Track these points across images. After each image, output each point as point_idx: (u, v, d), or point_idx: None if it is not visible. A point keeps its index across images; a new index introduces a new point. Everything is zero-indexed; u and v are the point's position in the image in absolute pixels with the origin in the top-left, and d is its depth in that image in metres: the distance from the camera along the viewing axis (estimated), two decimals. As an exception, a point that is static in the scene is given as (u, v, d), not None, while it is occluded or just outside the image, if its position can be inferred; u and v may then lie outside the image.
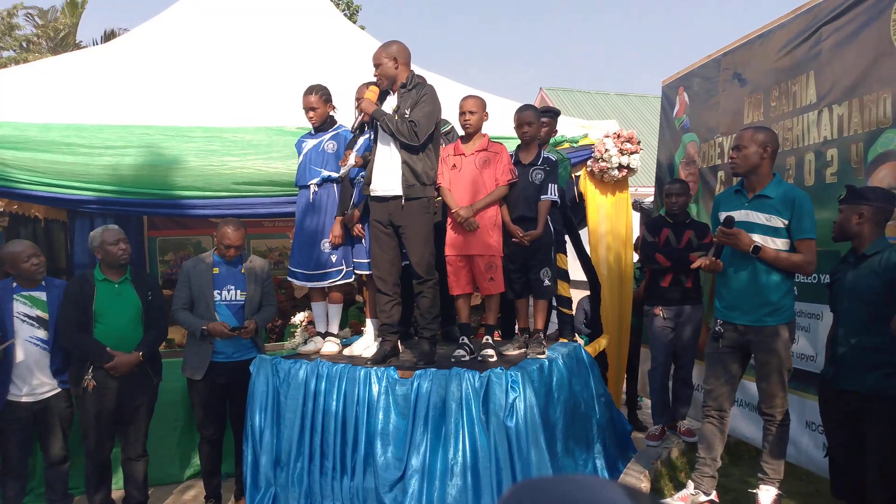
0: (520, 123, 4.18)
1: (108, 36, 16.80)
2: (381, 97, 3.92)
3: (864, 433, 3.25)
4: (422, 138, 3.75)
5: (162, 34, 6.25)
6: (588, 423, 4.32)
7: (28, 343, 3.97)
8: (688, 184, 5.30)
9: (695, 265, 3.76)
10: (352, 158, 3.97)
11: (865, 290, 3.24)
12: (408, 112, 3.75)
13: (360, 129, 4.01)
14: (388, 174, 3.84)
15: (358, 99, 4.31)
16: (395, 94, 3.89)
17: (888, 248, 3.27)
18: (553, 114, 5.14)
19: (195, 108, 5.10)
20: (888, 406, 3.14)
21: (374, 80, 3.93)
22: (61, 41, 16.93)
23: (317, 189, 4.25)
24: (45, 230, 5.17)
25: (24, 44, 17.27)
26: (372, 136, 4.01)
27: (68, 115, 4.78)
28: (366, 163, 4.05)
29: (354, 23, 14.99)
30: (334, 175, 4.23)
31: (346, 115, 4.52)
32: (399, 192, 3.80)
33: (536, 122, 4.22)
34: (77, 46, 17.05)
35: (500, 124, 4.71)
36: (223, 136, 4.91)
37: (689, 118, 5.86)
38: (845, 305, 3.34)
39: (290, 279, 4.49)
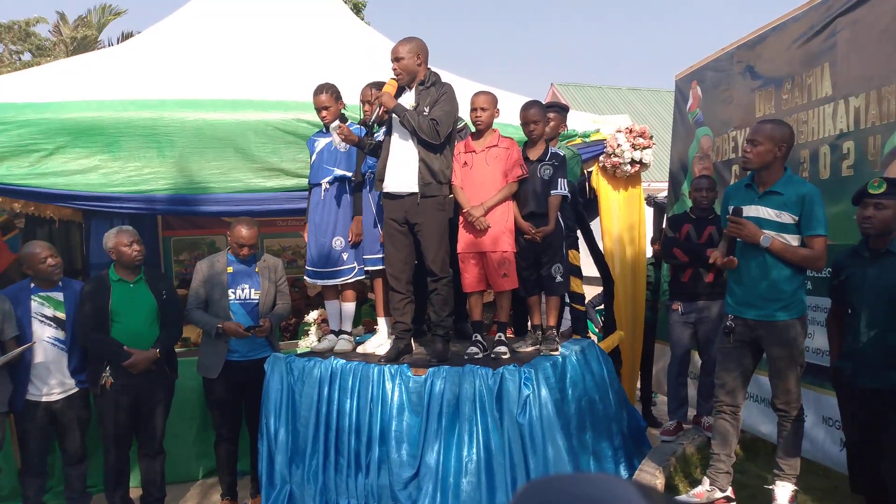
0: (525, 122, 4.16)
1: (126, 38, 16.94)
2: (398, 93, 3.91)
3: (884, 429, 3.22)
4: (443, 136, 3.75)
5: (174, 33, 6.28)
6: (602, 419, 4.31)
7: (46, 343, 4.01)
8: (714, 180, 5.27)
9: (711, 260, 3.73)
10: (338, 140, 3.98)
11: (894, 287, 3.20)
12: (426, 110, 3.74)
13: (375, 125, 3.97)
14: (404, 171, 3.82)
15: (363, 101, 4.31)
16: (412, 90, 3.87)
17: None
18: (560, 109, 5.11)
19: (207, 105, 5.11)
20: None
21: (381, 80, 3.92)
22: (79, 45, 17.02)
23: (328, 187, 4.27)
24: (61, 231, 5.22)
25: (40, 50, 17.39)
26: (385, 132, 3.99)
27: (85, 113, 4.82)
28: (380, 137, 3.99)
29: (361, 19, 14.95)
30: (347, 174, 4.25)
31: (354, 113, 4.52)
32: (415, 189, 3.79)
33: (542, 119, 4.20)
34: (98, 46, 17.17)
35: (511, 120, 4.69)
36: (235, 133, 4.93)
37: (703, 112, 5.82)
38: (868, 302, 3.29)
39: (306, 278, 4.52)
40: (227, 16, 6.40)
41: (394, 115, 3.80)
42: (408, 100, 3.85)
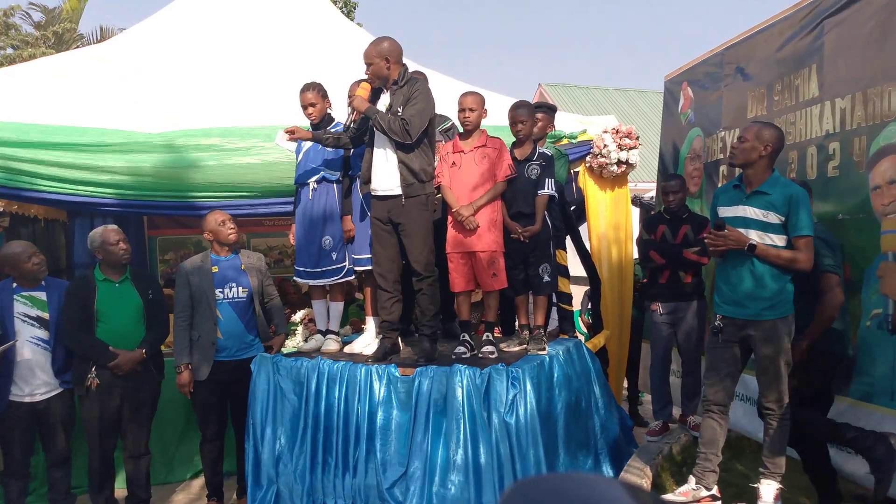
0: (514, 121, 4.18)
1: (104, 33, 16.78)
2: (375, 94, 3.90)
3: None
4: (414, 136, 3.71)
5: (159, 33, 6.24)
6: (589, 418, 4.33)
7: (29, 343, 3.97)
8: (684, 179, 5.30)
9: (703, 234, 3.78)
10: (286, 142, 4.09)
11: None
12: (400, 110, 3.73)
13: (357, 127, 3.98)
14: (386, 173, 3.83)
15: (350, 97, 4.30)
16: (388, 91, 3.88)
17: None
18: (548, 109, 5.12)
19: (194, 107, 5.09)
20: None
21: (366, 77, 3.92)
22: (59, 39, 16.82)
23: (316, 187, 4.25)
24: (46, 230, 5.17)
25: (22, 44, 17.15)
26: (369, 134, 3.99)
27: (69, 116, 4.76)
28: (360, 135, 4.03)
29: (352, 20, 14.90)
30: (334, 174, 4.24)
31: (341, 112, 4.51)
32: (398, 191, 3.79)
33: (530, 119, 4.21)
34: (78, 40, 16.94)
35: (498, 120, 4.70)
36: (223, 135, 4.91)
37: (694, 113, 5.85)
38: None
39: (295, 278, 4.51)
40: (212, 16, 6.37)
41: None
42: (385, 101, 3.85)
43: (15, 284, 4.02)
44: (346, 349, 4.28)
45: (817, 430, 3.66)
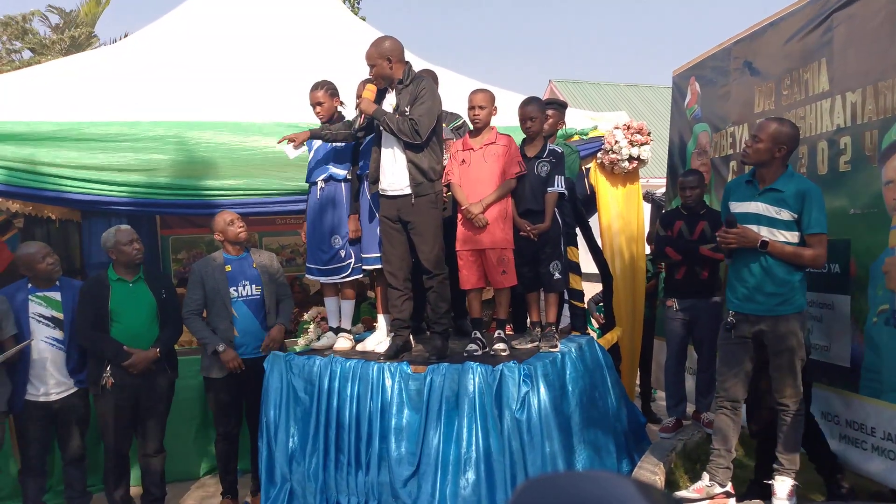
0: (523, 118, 4.16)
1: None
2: (381, 94, 3.91)
3: None
4: (424, 136, 3.72)
5: (172, 32, 6.27)
6: (602, 415, 4.32)
7: (44, 343, 4.01)
8: (702, 175, 5.25)
9: (717, 233, 3.74)
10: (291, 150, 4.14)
11: None
12: (408, 109, 3.73)
13: (365, 129, 4.00)
14: (394, 173, 3.84)
15: (359, 96, 4.31)
16: (394, 91, 3.88)
17: None
18: (559, 106, 5.10)
19: (206, 106, 5.11)
20: None
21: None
22: (74, 43, 16.91)
23: (324, 185, 4.27)
24: (60, 231, 5.21)
25: (38, 46, 17.25)
26: (375, 135, 4.00)
27: (81, 114, 4.80)
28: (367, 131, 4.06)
29: (356, 13, 14.86)
30: (342, 173, 4.25)
31: (352, 111, 4.53)
32: (407, 190, 3.80)
33: (540, 116, 4.19)
34: (94, 44, 17.03)
35: (509, 118, 4.69)
36: (235, 133, 4.93)
37: (701, 108, 5.82)
38: None
39: (307, 276, 4.53)
40: (223, 16, 6.39)
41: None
42: (391, 100, 3.86)
43: (30, 285, 4.06)
44: (359, 347, 4.29)
45: None
